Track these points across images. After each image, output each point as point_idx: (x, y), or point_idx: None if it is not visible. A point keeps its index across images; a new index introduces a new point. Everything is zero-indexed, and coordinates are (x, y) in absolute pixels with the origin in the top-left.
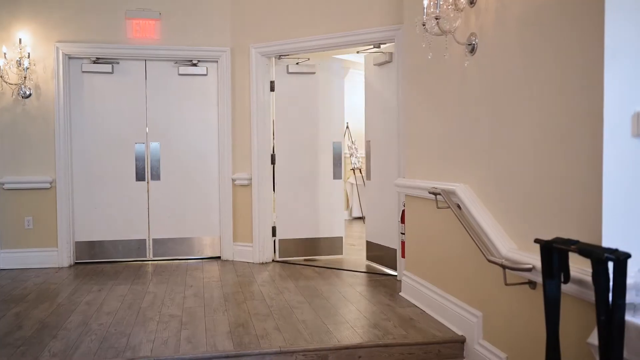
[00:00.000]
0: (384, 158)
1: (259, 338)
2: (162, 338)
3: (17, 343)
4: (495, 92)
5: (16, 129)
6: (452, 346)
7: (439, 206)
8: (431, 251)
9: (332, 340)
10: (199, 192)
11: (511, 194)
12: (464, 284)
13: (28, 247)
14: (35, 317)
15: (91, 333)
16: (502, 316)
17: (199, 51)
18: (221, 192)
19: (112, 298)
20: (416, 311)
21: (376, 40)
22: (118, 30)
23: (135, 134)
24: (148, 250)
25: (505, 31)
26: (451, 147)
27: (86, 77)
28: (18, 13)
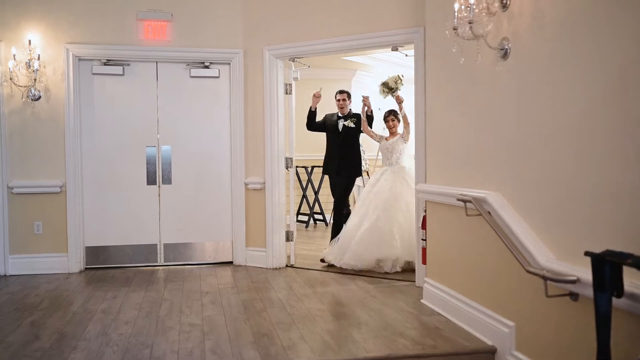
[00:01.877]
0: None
1: (285, 349)
2: (186, 349)
3: (36, 355)
4: (529, 98)
5: (25, 132)
6: (482, 357)
7: (468, 214)
8: (458, 259)
9: (360, 351)
10: (211, 196)
11: (548, 203)
12: (494, 293)
13: (37, 252)
14: (52, 327)
15: (112, 344)
16: (538, 327)
17: (211, 53)
18: (233, 196)
19: (128, 306)
20: (441, 319)
21: (394, 43)
22: (129, 31)
23: (146, 137)
24: (159, 256)
25: (542, 36)
26: (478, 153)
27: (96, 79)
28: (26, 13)
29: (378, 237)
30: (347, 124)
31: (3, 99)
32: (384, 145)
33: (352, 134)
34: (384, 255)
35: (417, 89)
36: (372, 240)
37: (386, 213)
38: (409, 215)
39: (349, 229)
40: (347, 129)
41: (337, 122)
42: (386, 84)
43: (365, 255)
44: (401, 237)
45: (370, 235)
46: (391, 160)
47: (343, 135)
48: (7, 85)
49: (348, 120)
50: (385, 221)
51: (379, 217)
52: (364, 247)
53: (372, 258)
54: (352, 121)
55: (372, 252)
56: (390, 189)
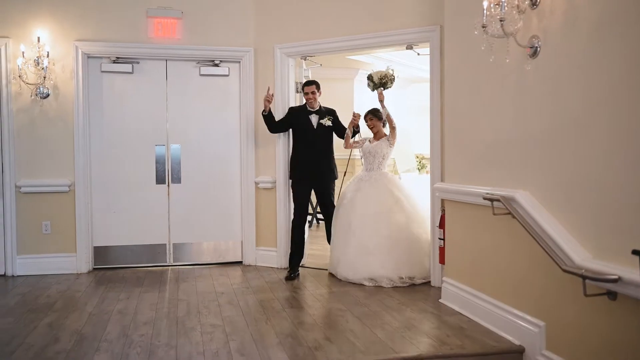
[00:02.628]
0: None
1: (312, 350)
2: (212, 350)
3: (59, 357)
4: (561, 96)
5: (34, 130)
6: (510, 356)
7: (495, 213)
8: (481, 258)
9: (389, 351)
10: (220, 195)
11: (581, 201)
12: (523, 292)
13: (46, 252)
14: (70, 328)
15: (135, 345)
16: (570, 326)
17: (221, 51)
18: (243, 195)
19: (144, 307)
20: (463, 319)
21: (409, 42)
22: (139, 29)
23: (155, 136)
24: (168, 255)
25: (576, 33)
26: (504, 151)
27: (105, 77)
28: (35, 10)
29: (364, 258)
30: (324, 122)
31: (11, 96)
32: (366, 147)
33: (327, 132)
34: (375, 275)
35: (433, 87)
36: (357, 262)
37: (370, 230)
38: (400, 228)
39: (337, 243)
40: (323, 127)
41: (308, 118)
42: (370, 77)
43: (350, 275)
44: (392, 253)
45: (355, 256)
46: (372, 165)
47: (318, 133)
48: (15, 83)
49: (325, 118)
50: (369, 238)
51: (362, 234)
52: (349, 269)
53: (360, 277)
54: (329, 119)
55: (359, 273)
56: (375, 202)
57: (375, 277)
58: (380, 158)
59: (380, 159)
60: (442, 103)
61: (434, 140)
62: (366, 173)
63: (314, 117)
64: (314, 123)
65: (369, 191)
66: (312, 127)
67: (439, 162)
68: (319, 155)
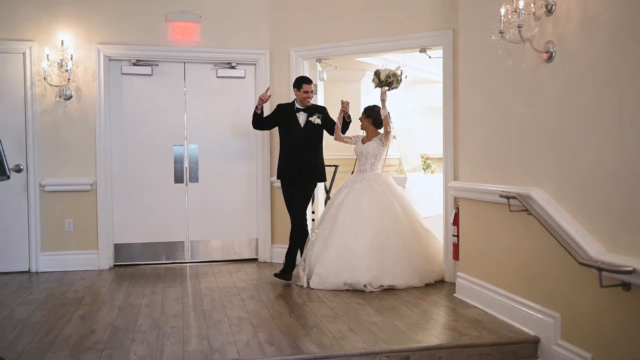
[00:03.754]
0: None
1: (338, 340)
2: (242, 340)
3: (98, 347)
4: (575, 98)
5: (57, 131)
6: (526, 346)
7: (511, 209)
8: (497, 253)
9: (411, 341)
10: (236, 194)
11: (594, 198)
12: (538, 285)
13: (68, 249)
14: (103, 320)
15: (168, 336)
16: (585, 317)
17: (237, 54)
18: (259, 194)
19: (169, 301)
20: (479, 312)
21: (422, 45)
22: (158, 32)
23: (173, 136)
24: (186, 253)
25: (591, 39)
26: (518, 151)
27: (126, 79)
28: (59, 14)
29: (347, 260)
30: (313, 119)
31: (36, 98)
32: (358, 148)
33: (317, 132)
34: (354, 280)
35: (446, 88)
36: (340, 264)
37: (357, 232)
38: (387, 233)
39: (314, 251)
40: (312, 125)
41: (295, 115)
42: (377, 73)
43: (331, 279)
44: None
45: (338, 257)
46: (365, 167)
47: (306, 131)
48: (40, 85)
49: (314, 116)
50: (356, 240)
51: (348, 235)
52: (329, 270)
53: (340, 282)
54: (319, 117)
55: (338, 276)
56: (366, 205)
57: (354, 283)
58: (372, 159)
59: (372, 159)
60: (454, 104)
61: (447, 140)
62: (359, 174)
63: (302, 115)
64: (301, 121)
65: (360, 193)
66: (299, 126)
67: (451, 161)
68: (305, 155)
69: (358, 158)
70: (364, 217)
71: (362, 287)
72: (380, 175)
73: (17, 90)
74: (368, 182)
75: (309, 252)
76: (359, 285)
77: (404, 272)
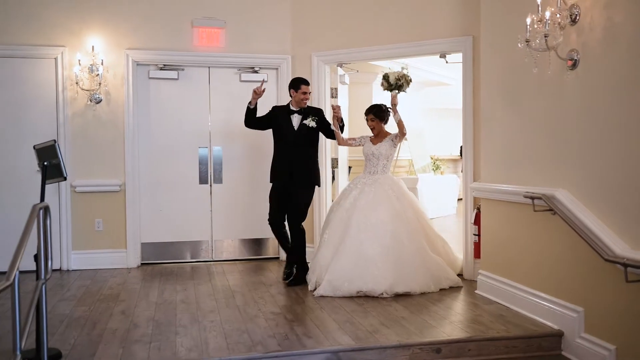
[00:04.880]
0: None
1: (372, 333)
2: (281, 334)
3: (144, 340)
4: (600, 103)
5: (87, 133)
6: (551, 340)
7: (535, 209)
8: (518, 251)
9: (441, 335)
10: (259, 194)
11: (618, 198)
12: (562, 282)
13: (98, 248)
14: (143, 315)
15: (209, 329)
16: (609, 311)
17: (260, 59)
18: None
19: (202, 297)
20: (502, 308)
21: (442, 51)
22: (184, 38)
23: (198, 139)
24: (211, 252)
25: (615, 47)
26: (541, 153)
27: (152, 83)
28: (89, 20)
29: (362, 267)
30: (307, 122)
31: (67, 102)
32: (368, 149)
33: (311, 134)
34: (369, 288)
35: (465, 92)
36: (354, 271)
37: (373, 237)
38: (401, 239)
39: (323, 257)
40: (307, 129)
41: (289, 118)
42: (386, 77)
43: (345, 286)
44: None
45: (352, 264)
46: (377, 168)
47: (299, 134)
48: (71, 89)
49: (309, 119)
50: (372, 246)
51: (363, 241)
52: (342, 277)
53: (353, 289)
54: (314, 119)
55: (353, 283)
56: (383, 209)
57: (369, 290)
58: (384, 160)
59: (384, 161)
60: (474, 108)
61: (467, 143)
62: (370, 176)
63: (296, 118)
64: (294, 124)
65: (374, 197)
66: (292, 128)
67: (471, 163)
68: (297, 159)
69: (368, 159)
70: (379, 222)
71: (377, 295)
72: (392, 178)
73: (49, 95)
74: (381, 186)
75: (315, 258)
76: (374, 293)
77: (419, 278)
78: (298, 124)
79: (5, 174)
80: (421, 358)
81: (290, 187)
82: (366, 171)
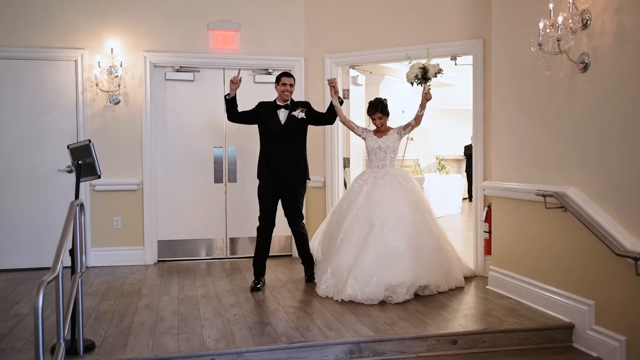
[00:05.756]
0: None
1: (390, 325)
2: (303, 327)
3: (172, 332)
4: (609, 104)
5: (106, 133)
6: (562, 332)
7: (547, 207)
8: (529, 247)
9: (457, 327)
10: None
11: (628, 195)
12: (571, 276)
13: (116, 245)
14: (167, 309)
15: (233, 322)
16: (620, 303)
17: (274, 60)
18: None
19: (222, 292)
20: (513, 302)
21: (453, 53)
22: (200, 40)
23: (213, 139)
24: (226, 249)
25: (625, 51)
26: (552, 153)
27: (169, 85)
28: (108, 24)
29: (391, 261)
30: (296, 114)
31: (87, 103)
32: (374, 143)
33: (300, 127)
34: (399, 281)
35: (476, 94)
36: (383, 266)
37: (399, 231)
38: (422, 231)
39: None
40: (295, 121)
41: (275, 113)
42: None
43: (373, 282)
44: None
45: (381, 259)
46: (384, 162)
47: (287, 128)
48: (91, 91)
49: (297, 110)
50: (399, 240)
51: (388, 236)
52: (371, 273)
53: (383, 284)
54: (302, 111)
55: (383, 278)
56: (402, 200)
57: (398, 284)
58: (391, 153)
59: (391, 154)
60: (484, 109)
61: (477, 143)
62: (378, 170)
63: (282, 113)
64: (281, 119)
65: (390, 189)
66: (279, 124)
67: (481, 163)
68: (286, 155)
69: (374, 153)
70: (400, 214)
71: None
72: (403, 170)
73: (69, 96)
74: (394, 178)
75: (332, 260)
76: (402, 287)
77: (435, 273)
78: (285, 118)
79: (27, 173)
80: (438, 349)
81: (281, 184)
82: (373, 165)
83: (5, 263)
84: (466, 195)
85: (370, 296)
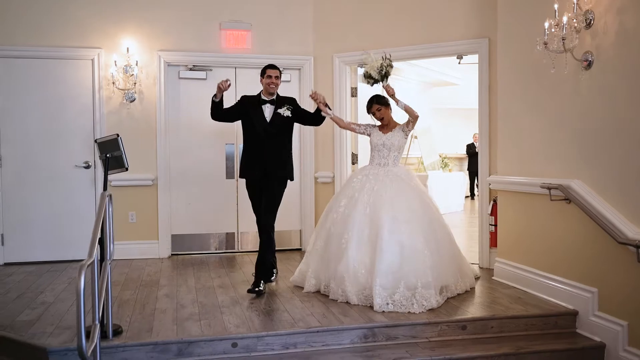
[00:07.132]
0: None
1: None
2: (318, 313)
3: (194, 318)
4: (612, 100)
5: (121, 130)
6: (566, 318)
7: (552, 199)
8: (534, 239)
9: (466, 314)
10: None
11: (630, 187)
12: (575, 265)
13: (131, 239)
14: (187, 298)
15: (252, 309)
16: (622, 290)
17: (284, 59)
18: (303, 188)
19: (238, 283)
20: (518, 291)
21: (459, 52)
22: (213, 40)
23: (225, 136)
24: (237, 243)
25: (627, 50)
26: (555, 148)
27: (182, 83)
28: (124, 23)
29: (415, 261)
30: (282, 112)
31: (103, 101)
32: (378, 139)
33: (286, 124)
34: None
35: (481, 92)
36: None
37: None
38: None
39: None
40: (281, 118)
41: (260, 108)
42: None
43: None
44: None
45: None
46: (388, 160)
47: (272, 125)
48: (107, 89)
49: (283, 108)
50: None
51: (405, 233)
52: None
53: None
54: (288, 108)
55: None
56: (413, 197)
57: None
58: (395, 152)
59: (395, 152)
60: (490, 106)
61: (483, 139)
62: (381, 168)
63: (268, 108)
64: (267, 114)
65: (399, 186)
66: (264, 120)
67: (487, 159)
68: (270, 152)
69: (377, 149)
70: (415, 212)
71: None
72: (409, 169)
73: (86, 94)
74: (398, 176)
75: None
76: (429, 287)
77: (453, 270)
78: (271, 114)
79: (44, 169)
80: (448, 334)
81: (263, 182)
82: (374, 162)
83: (24, 256)
84: (468, 193)
85: (404, 302)
